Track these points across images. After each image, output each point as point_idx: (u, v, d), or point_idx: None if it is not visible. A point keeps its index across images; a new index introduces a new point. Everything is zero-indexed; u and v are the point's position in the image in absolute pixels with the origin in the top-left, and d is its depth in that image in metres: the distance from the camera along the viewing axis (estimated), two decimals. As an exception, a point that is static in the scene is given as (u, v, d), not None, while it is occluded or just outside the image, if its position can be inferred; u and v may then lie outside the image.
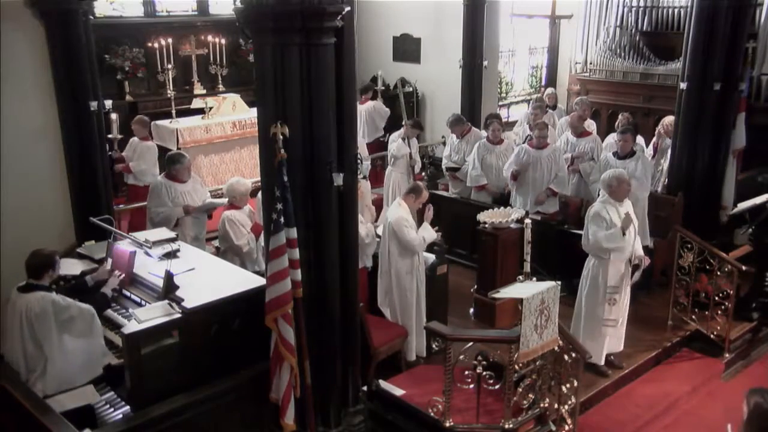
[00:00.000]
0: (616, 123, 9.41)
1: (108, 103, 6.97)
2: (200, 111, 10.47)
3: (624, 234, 5.76)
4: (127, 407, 4.67)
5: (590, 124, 9.57)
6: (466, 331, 5.96)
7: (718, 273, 6.63)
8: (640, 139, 8.48)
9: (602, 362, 6.11)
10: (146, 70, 11.11)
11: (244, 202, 6.70)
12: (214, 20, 11.91)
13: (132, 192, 8.57)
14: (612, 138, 9.23)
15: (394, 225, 6.06)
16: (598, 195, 6.45)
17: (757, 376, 6.54)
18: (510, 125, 11.25)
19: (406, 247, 6.06)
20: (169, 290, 4.86)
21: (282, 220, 4.38)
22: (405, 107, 9.99)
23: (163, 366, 4.56)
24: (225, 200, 6.86)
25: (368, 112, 10.99)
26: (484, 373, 4.87)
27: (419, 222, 6.38)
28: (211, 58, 11.52)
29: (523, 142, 8.79)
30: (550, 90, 11.41)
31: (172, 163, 6.89)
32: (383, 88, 11.87)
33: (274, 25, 4.31)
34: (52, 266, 4.93)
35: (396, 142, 9.18)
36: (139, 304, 5.09)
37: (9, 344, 4.88)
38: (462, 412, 5.00)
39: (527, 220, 5.39)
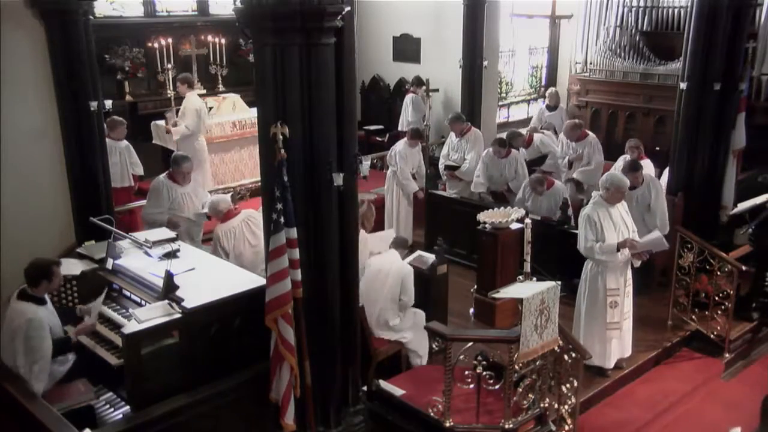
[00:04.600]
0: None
1: (108, 103, 6.93)
2: (200, 111, 10.45)
3: (618, 249, 5.78)
4: (127, 407, 4.68)
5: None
6: (466, 331, 5.96)
7: (718, 273, 6.63)
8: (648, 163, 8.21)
9: (611, 365, 6.09)
10: (146, 70, 11.11)
11: (230, 216, 6.59)
12: (214, 20, 11.91)
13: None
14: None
15: (405, 275, 5.86)
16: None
17: (757, 376, 6.54)
18: (510, 125, 11.24)
19: (405, 303, 5.93)
20: (169, 290, 4.86)
21: (282, 220, 4.39)
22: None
23: (163, 366, 4.56)
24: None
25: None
26: (484, 373, 4.86)
27: None
28: (211, 58, 11.51)
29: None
30: (551, 89, 11.36)
31: (175, 165, 6.89)
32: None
33: (274, 26, 4.31)
34: (47, 276, 4.85)
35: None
36: (139, 304, 5.09)
37: (3, 345, 4.91)
38: (462, 412, 4.99)
39: (527, 220, 5.38)
